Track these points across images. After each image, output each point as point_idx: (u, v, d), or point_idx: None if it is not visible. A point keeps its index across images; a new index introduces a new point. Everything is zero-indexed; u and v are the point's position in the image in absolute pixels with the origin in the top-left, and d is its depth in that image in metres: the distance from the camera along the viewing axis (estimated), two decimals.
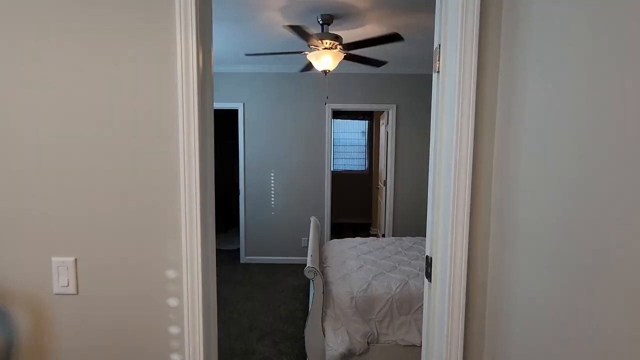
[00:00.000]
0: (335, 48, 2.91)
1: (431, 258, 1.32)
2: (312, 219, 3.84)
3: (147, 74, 1.10)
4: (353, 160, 7.71)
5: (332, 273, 2.75)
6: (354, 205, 7.44)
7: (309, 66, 3.35)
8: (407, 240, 3.74)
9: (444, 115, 1.22)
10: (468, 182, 1.14)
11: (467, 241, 1.16)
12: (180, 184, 1.12)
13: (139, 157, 1.12)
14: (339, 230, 6.71)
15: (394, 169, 4.84)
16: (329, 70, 3.06)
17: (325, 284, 2.52)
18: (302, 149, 4.80)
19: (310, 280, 2.43)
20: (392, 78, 4.70)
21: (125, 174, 1.12)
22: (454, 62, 1.13)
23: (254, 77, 4.69)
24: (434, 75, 1.29)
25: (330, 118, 4.77)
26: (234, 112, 4.82)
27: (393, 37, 2.74)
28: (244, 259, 4.90)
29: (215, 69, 4.61)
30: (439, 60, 1.25)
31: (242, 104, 4.72)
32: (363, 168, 7.63)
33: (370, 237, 3.84)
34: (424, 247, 3.59)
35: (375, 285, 2.49)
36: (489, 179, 1.16)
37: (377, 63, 3.23)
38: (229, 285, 4.13)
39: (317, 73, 4.61)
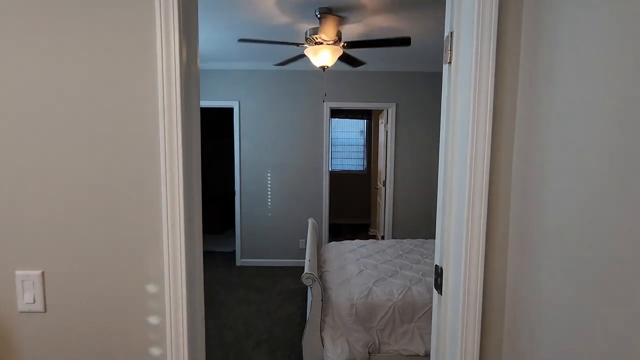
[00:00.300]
0: (336, 44, 2.79)
1: (441, 268, 1.20)
2: (310, 220, 3.72)
3: (122, 68, 0.97)
4: (351, 160, 7.59)
5: (330, 278, 2.62)
6: (352, 206, 7.33)
7: (288, 60, 3.20)
8: (407, 243, 3.62)
9: (456, 111, 1.10)
10: (485, 184, 1.01)
11: (484, 251, 1.03)
12: (161, 189, 0.99)
13: (113, 159, 0.99)
14: (337, 231, 6.59)
15: (394, 169, 4.72)
16: (327, 67, 2.93)
17: (324, 290, 2.40)
18: (300, 149, 4.67)
19: (308, 287, 2.30)
20: (391, 76, 4.58)
21: (97, 177, 0.99)
22: (469, 51, 1.00)
23: (250, 74, 4.56)
24: (445, 67, 1.17)
25: (328, 117, 4.65)
26: (232, 110, 4.69)
27: (402, 41, 2.63)
28: (239, 261, 4.78)
29: (210, 65, 4.48)
30: (450, 50, 1.13)
31: (237, 102, 4.59)
32: (362, 168, 7.52)
33: (370, 240, 3.72)
34: (426, 250, 3.47)
35: (376, 292, 2.37)
36: (508, 181, 1.04)
37: (355, 63, 3.10)
38: (224, 288, 4.00)
39: (315, 70, 4.50)
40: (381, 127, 5.28)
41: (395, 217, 4.78)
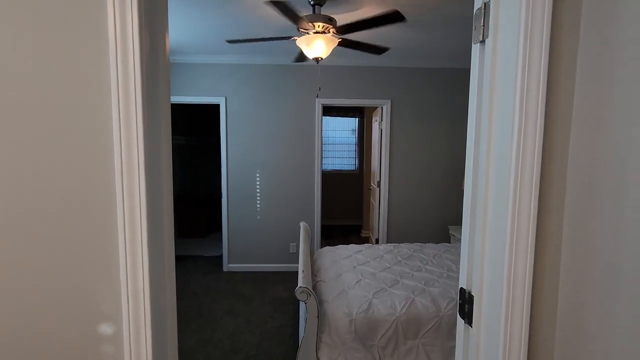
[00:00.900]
0: (328, 32, 2.56)
1: (469, 293, 0.98)
2: (302, 224, 3.49)
3: (60, 57, 0.72)
4: (342, 159, 7.39)
5: (326, 290, 2.40)
6: (343, 207, 7.13)
7: (303, 56, 2.97)
8: (405, 248, 3.42)
9: (493, 100, 0.88)
10: (534, 194, 0.80)
11: (532, 278, 0.82)
12: (116, 204, 0.75)
13: (52, 167, 0.74)
14: (328, 233, 6.37)
15: (389, 169, 4.51)
16: (322, 58, 2.70)
17: (319, 303, 2.17)
18: (290, 148, 4.43)
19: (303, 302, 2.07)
20: (386, 71, 4.37)
21: (32, 190, 0.74)
22: (515, 22, 0.79)
23: (237, 68, 4.29)
24: (475, 48, 0.96)
25: (320, 114, 4.42)
26: (217, 107, 4.41)
27: (393, 17, 2.39)
28: (227, 266, 4.51)
29: (195, 59, 4.21)
30: (483, 25, 0.91)
31: (224, 98, 4.32)
32: (353, 167, 7.32)
33: (366, 244, 3.51)
34: (425, 255, 3.27)
35: (377, 305, 2.15)
36: (562, 189, 0.83)
37: (377, 50, 2.86)
38: (210, 297, 3.73)
39: (307, 65, 4.25)
40: (375, 125, 5.08)
41: (390, 219, 4.58)
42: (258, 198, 4.47)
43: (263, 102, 4.36)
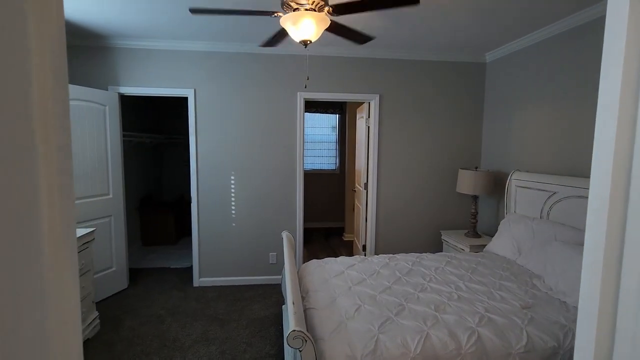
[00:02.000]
0: (322, 10, 2.13)
1: None
2: (285, 234, 3.04)
3: None
4: (322, 158, 6.98)
5: (319, 321, 1.97)
6: (324, 209, 6.74)
7: (277, 36, 2.51)
8: (402, 260, 3.04)
9: None
10: None
11: None
12: None
13: None
14: (309, 236, 5.96)
15: (377, 170, 4.14)
16: (310, 42, 2.26)
17: (314, 341, 1.74)
18: (269, 147, 3.97)
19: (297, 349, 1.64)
20: (374, 63, 3.99)
21: None
22: None
23: (208, 56, 3.78)
24: None
25: (302, 109, 3.98)
26: (185, 100, 3.88)
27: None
28: (197, 281, 4.00)
29: (160, 45, 3.65)
30: None
31: (192, 90, 3.79)
32: (333, 167, 6.93)
33: (358, 257, 3.11)
34: (426, 269, 2.88)
35: (385, 342, 1.76)
36: None
37: (361, 38, 2.50)
38: (177, 321, 3.21)
39: (287, 54, 3.79)
40: (360, 122, 4.69)
41: (379, 223, 4.20)
42: (233, 202, 3.98)
43: (238, 95, 3.86)
